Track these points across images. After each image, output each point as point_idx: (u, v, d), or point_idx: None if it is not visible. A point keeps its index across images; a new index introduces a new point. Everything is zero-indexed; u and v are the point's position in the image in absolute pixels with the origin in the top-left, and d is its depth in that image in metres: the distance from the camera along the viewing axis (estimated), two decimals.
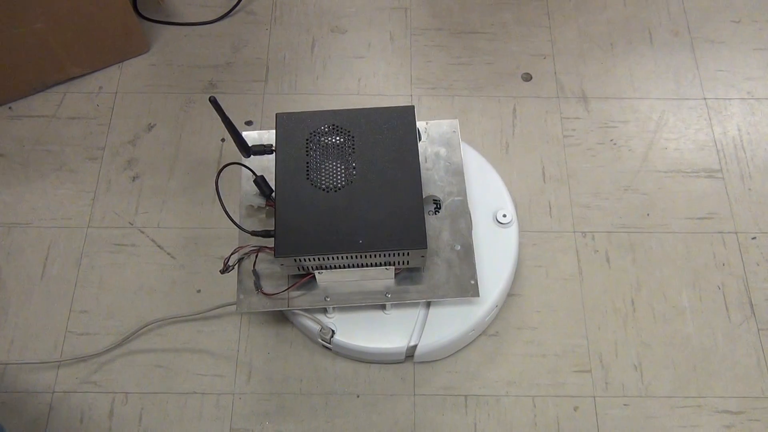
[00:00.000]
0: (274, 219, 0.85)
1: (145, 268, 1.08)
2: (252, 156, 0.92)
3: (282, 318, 1.04)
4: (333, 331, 0.94)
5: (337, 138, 0.88)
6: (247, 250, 0.92)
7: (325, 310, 0.95)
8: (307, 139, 0.88)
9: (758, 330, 1.04)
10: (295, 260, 0.84)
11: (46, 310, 1.05)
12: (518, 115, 1.22)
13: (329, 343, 0.96)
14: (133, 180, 1.15)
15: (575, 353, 1.02)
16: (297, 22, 1.31)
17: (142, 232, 1.11)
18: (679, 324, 1.04)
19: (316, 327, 0.94)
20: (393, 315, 0.95)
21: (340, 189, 0.85)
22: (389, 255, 0.84)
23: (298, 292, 0.91)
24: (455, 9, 1.33)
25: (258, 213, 0.95)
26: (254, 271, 0.91)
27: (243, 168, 0.95)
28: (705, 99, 1.24)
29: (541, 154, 1.18)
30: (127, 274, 1.07)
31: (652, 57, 1.28)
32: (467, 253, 0.93)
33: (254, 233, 0.90)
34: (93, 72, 1.25)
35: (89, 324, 1.04)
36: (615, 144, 1.19)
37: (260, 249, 0.92)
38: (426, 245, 0.82)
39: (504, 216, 1.01)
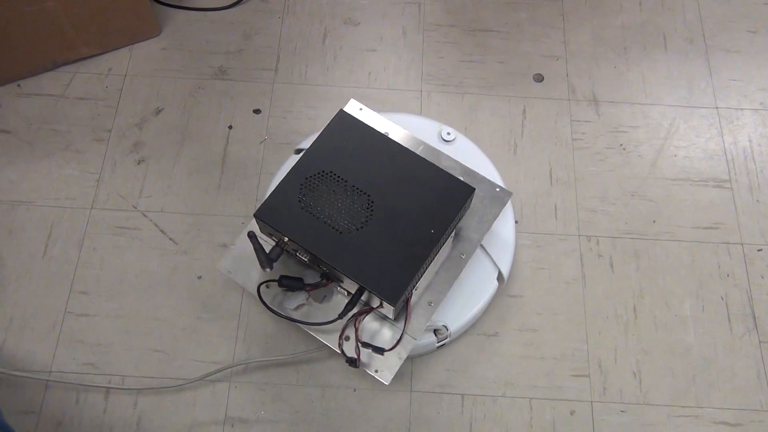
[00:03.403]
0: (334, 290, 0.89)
1: (146, 252, 1.08)
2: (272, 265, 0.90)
3: None
4: (446, 327, 0.95)
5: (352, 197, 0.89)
6: (358, 324, 0.89)
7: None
8: (299, 201, 0.87)
9: (759, 342, 1.03)
10: (404, 297, 0.85)
11: (45, 289, 1.04)
12: (528, 115, 1.21)
13: (447, 339, 0.96)
14: (139, 163, 1.15)
15: (574, 357, 1.02)
16: (310, 12, 1.31)
17: (146, 216, 1.10)
18: (680, 333, 1.04)
19: (431, 333, 0.94)
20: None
21: (362, 227, 0.86)
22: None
23: (411, 321, 0.90)
24: (469, 6, 1.32)
25: (305, 303, 0.92)
26: (365, 344, 0.87)
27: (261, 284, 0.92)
28: (717, 108, 1.23)
29: (550, 156, 1.17)
30: (128, 257, 1.07)
31: (666, 63, 1.27)
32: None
33: (343, 314, 0.87)
34: (103, 53, 1.25)
35: (88, 305, 1.03)
36: (624, 149, 1.18)
37: (357, 319, 0.89)
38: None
39: (448, 134, 1.07)
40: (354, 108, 0.99)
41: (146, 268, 1.06)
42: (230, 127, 1.18)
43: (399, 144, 0.91)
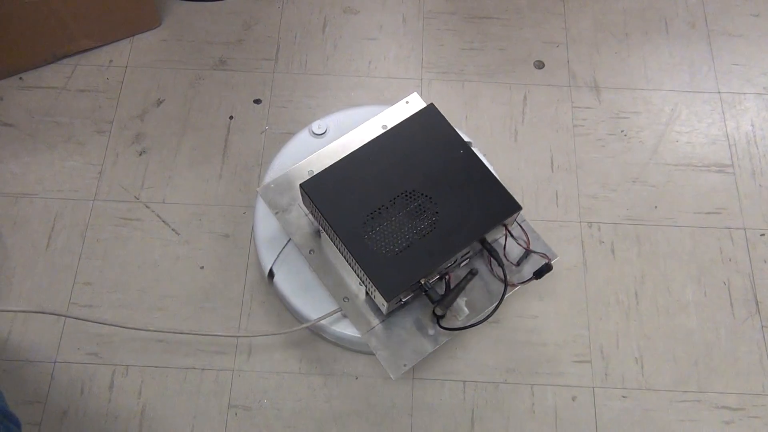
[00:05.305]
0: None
1: (149, 242, 1.08)
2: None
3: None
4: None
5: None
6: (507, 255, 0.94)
7: None
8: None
9: (762, 327, 1.03)
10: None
11: (50, 280, 1.05)
12: (529, 102, 1.21)
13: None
14: (140, 154, 1.15)
15: (576, 343, 1.02)
16: (309, 1, 1.31)
17: (148, 207, 1.11)
18: (682, 318, 1.04)
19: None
20: None
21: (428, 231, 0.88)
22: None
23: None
24: None
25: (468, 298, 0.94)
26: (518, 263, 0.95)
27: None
28: (719, 93, 1.22)
29: (551, 142, 1.17)
30: (131, 248, 1.08)
31: (668, 48, 1.26)
32: None
33: (503, 263, 0.91)
34: (104, 45, 1.25)
35: (92, 296, 1.04)
36: (626, 135, 1.18)
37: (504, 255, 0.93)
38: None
39: (318, 127, 1.07)
40: (268, 190, 0.99)
41: (149, 259, 1.07)
42: (231, 118, 1.19)
43: (361, 147, 0.92)
